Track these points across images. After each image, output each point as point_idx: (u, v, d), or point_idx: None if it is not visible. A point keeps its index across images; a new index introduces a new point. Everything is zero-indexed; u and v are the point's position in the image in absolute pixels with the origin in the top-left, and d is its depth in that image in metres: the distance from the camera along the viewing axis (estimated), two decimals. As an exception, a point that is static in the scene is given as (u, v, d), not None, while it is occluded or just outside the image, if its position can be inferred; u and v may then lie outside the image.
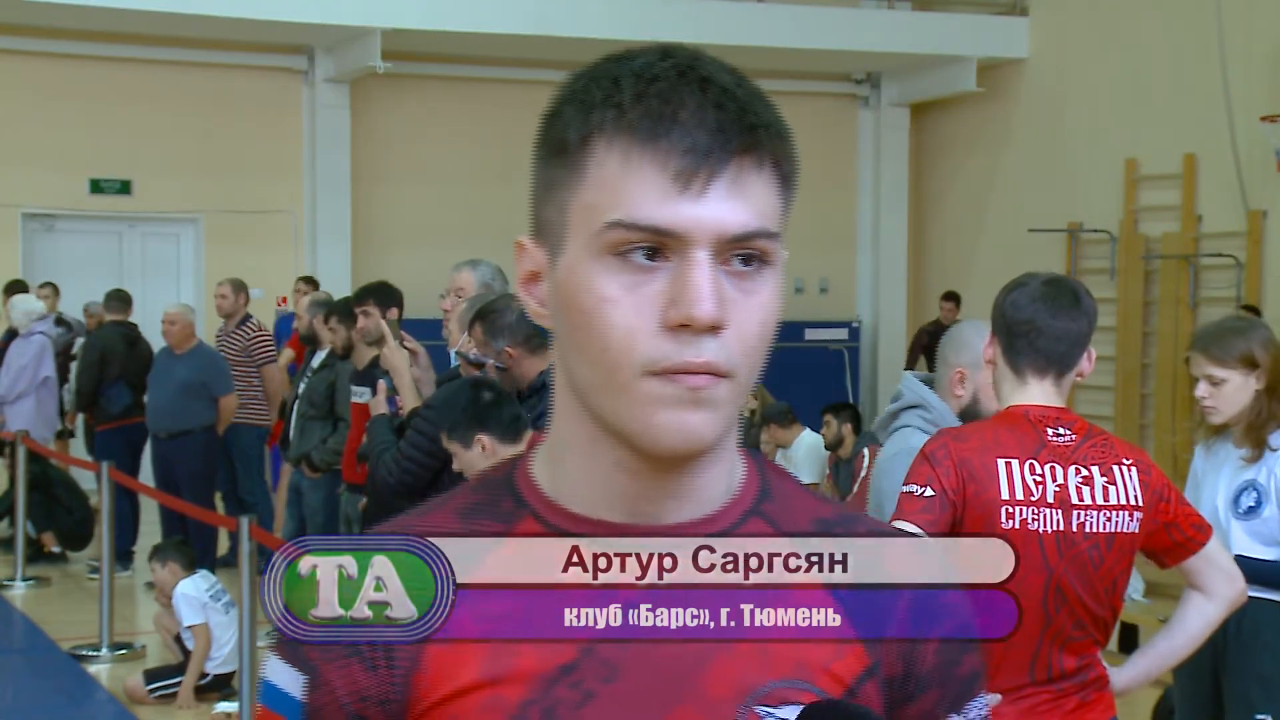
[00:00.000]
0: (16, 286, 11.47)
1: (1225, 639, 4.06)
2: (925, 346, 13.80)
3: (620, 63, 1.16)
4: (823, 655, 1.20)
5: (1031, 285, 3.07)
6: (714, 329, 1.11)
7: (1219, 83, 12.13)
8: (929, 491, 2.87)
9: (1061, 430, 2.98)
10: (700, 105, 1.12)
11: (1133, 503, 2.97)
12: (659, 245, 1.12)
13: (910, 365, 14.19)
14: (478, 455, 4.20)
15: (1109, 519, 2.95)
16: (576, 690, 1.17)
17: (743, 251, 1.13)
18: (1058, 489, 2.93)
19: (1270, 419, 4.05)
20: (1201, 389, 4.05)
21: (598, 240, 1.13)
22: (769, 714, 1.18)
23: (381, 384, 5.77)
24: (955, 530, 2.85)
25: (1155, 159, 13.06)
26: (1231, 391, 4.02)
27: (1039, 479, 2.92)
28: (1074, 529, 2.92)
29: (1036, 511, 2.91)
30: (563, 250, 1.16)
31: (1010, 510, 2.89)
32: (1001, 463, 2.92)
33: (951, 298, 13.71)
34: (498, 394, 4.28)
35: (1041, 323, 3.01)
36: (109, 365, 9.86)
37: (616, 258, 1.13)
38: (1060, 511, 2.92)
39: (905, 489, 2.91)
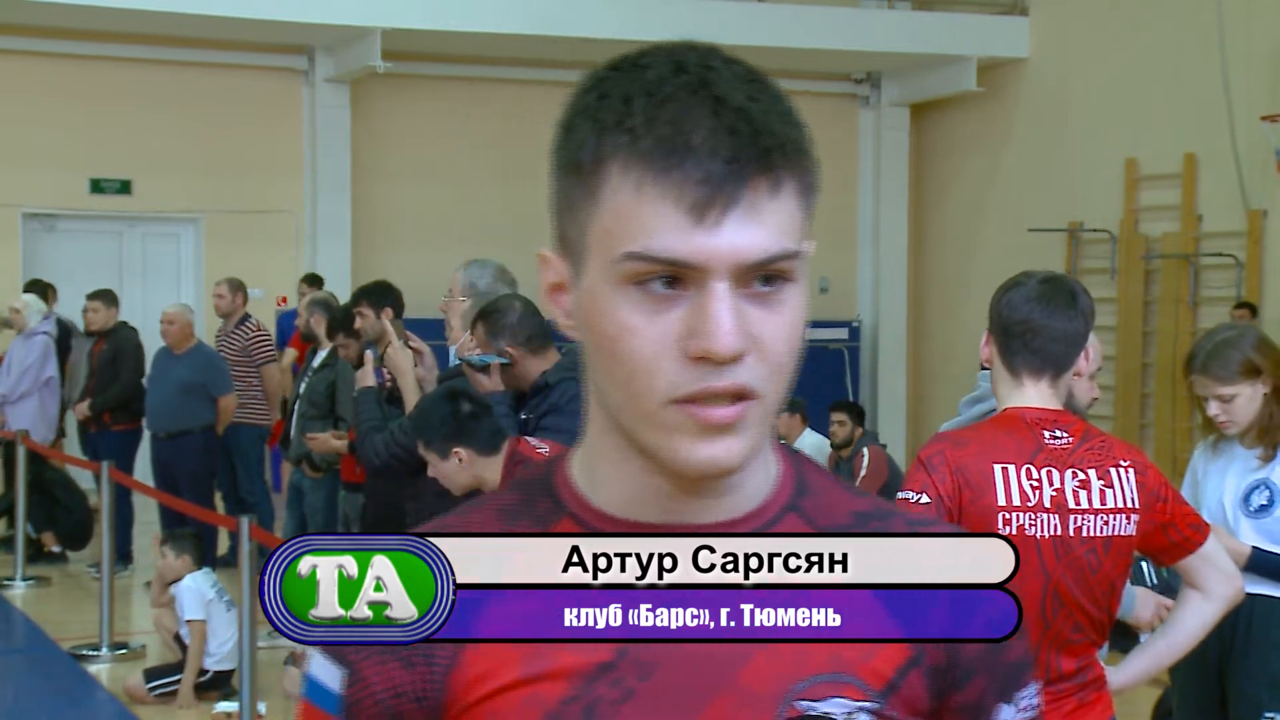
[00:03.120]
0: (33, 286, 11.43)
1: (1233, 639, 4.06)
2: None
3: (632, 75, 1.14)
4: (862, 647, 1.20)
5: (1028, 285, 3.05)
6: (735, 359, 1.11)
7: (1219, 83, 12.13)
8: (925, 499, 2.87)
9: (1059, 433, 2.97)
10: (714, 130, 1.10)
11: (1129, 505, 2.96)
12: (677, 275, 1.11)
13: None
14: (454, 467, 4.20)
15: (1106, 523, 2.94)
16: (617, 688, 1.17)
17: (764, 273, 1.12)
18: (1054, 493, 2.91)
19: None
20: (1213, 408, 4.06)
21: (615, 268, 1.12)
22: (811, 708, 1.18)
23: (369, 355, 5.78)
24: None
25: (1155, 159, 13.06)
26: (1243, 404, 4.04)
27: (1035, 484, 2.91)
28: (1071, 534, 2.91)
29: (1033, 517, 2.89)
30: (585, 270, 1.16)
31: (1007, 516, 2.88)
32: (998, 468, 2.90)
33: None
34: (477, 406, 4.26)
35: (1038, 323, 2.99)
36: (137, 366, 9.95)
37: (635, 286, 1.12)
38: (1057, 516, 2.91)
39: (901, 495, 2.91)
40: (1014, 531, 2.87)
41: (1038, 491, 2.90)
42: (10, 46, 13.17)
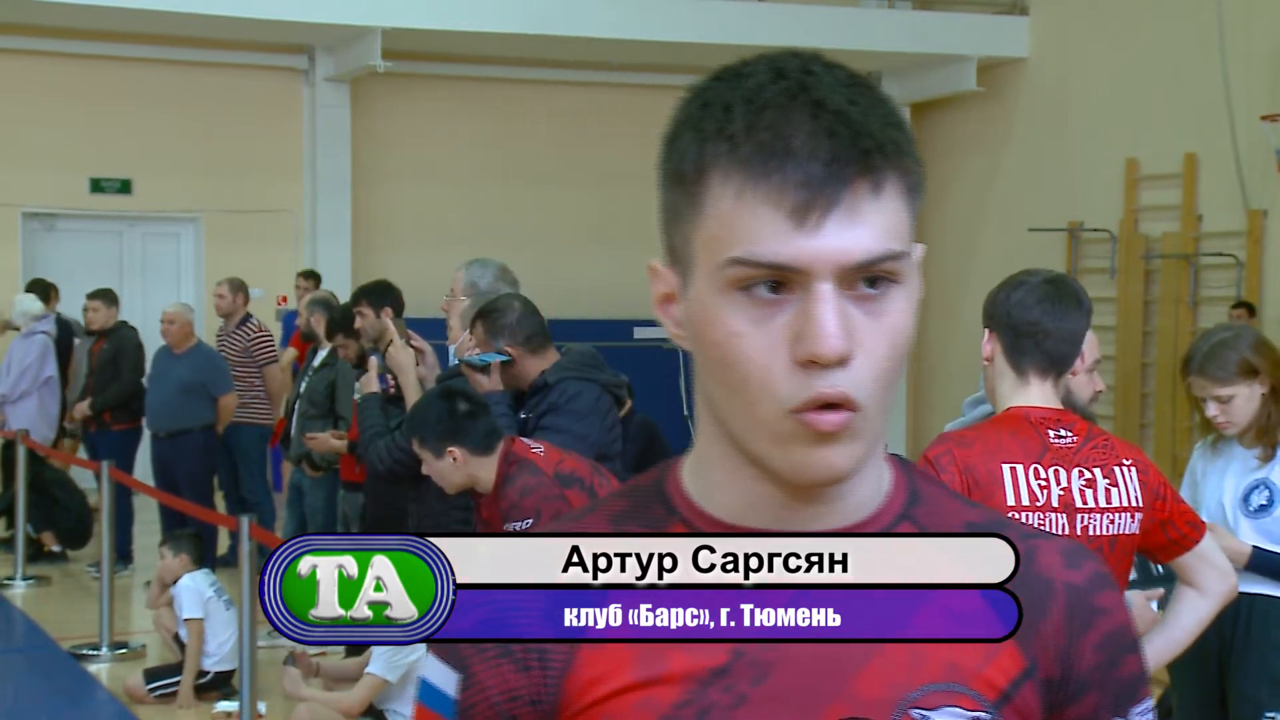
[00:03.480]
0: (34, 286, 11.43)
1: (1233, 639, 4.06)
2: None
3: (733, 84, 1.15)
4: (976, 657, 1.19)
5: (1033, 284, 3.05)
6: (842, 362, 1.11)
7: (1219, 83, 12.12)
8: None
9: (1063, 432, 2.97)
10: (813, 134, 1.11)
11: (1133, 504, 2.96)
12: (781, 279, 1.11)
13: None
14: (448, 466, 4.19)
15: (1112, 521, 2.94)
16: (730, 693, 1.17)
17: (869, 275, 1.13)
18: (1062, 493, 2.92)
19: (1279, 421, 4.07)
20: (1211, 409, 4.06)
21: (720, 275, 1.13)
22: (924, 717, 1.18)
23: (373, 360, 5.78)
24: None
25: (1155, 159, 13.06)
26: (1241, 404, 4.04)
27: (1044, 483, 2.91)
28: (1078, 533, 2.91)
29: (1042, 517, 2.89)
30: (692, 279, 1.16)
31: (1016, 516, 2.87)
32: (1006, 468, 2.90)
33: None
34: (473, 405, 4.26)
35: (1049, 324, 2.99)
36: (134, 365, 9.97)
37: (741, 292, 1.12)
38: (1065, 515, 2.91)
39: None
40: None
41: (1046, 491, 2.90)
42: (10, 46, 13.17)
